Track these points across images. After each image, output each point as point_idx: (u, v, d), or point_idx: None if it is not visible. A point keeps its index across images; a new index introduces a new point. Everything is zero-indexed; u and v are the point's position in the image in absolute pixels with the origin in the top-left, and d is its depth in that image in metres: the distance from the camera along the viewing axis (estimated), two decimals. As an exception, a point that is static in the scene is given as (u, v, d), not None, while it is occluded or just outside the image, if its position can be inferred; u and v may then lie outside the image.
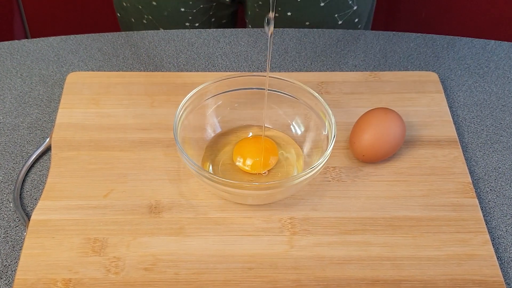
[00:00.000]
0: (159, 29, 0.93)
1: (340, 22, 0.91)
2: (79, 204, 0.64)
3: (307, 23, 0.90)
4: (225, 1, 0.94)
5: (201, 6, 0.92)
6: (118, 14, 0.99)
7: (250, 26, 0.97)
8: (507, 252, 0.63)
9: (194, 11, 0.92)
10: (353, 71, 0.80)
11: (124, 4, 0.95)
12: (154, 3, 0.91)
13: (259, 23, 0.95)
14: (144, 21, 0.94)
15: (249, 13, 0.95)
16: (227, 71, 0.80)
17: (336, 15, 0.90)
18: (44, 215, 0.63)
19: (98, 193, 0.65)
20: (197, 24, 0.94)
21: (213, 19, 0.95)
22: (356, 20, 0.93)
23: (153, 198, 0.65)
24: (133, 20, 0.96)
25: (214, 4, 0.93)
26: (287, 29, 0.85)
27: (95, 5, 1.40)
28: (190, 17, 0.93)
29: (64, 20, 1.45)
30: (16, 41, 0.82)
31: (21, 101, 0.75)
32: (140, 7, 0.93)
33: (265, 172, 0.66)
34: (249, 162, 0.66)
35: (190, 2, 0.91)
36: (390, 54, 0.82)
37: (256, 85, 0.69)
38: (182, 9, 0.92)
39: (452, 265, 0.60)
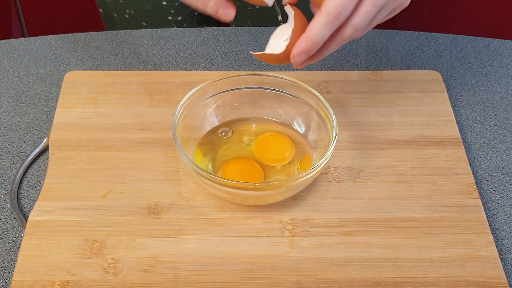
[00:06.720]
0: (142, 24, 0.92)
1: None
2: (77, 205, 0.63)
3: None
4: None
5: None
6: (101, 10, 0.98)
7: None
8: (510, 254, 0.62)
9: (176, 4, 0.90)
10: (354, 70, 0.79)
11: None
12: None
13: (238, 17, 0.94)
14: (126, 16, 0.93)
15: None
16: (227, 70, 0.79)
17: None
18: (41, 216, 0.62)
19: (96, 193, 0.64)
20: (180, 18, 0.92)
21: (196, 13, 0.93)
22: None
23: (152, 199, 0.64)
24: (115, 15, 0.95)
25: None
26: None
27: (94, 3, 1.40)
28: (172, 11, 0.91)
29: (61, 19, 1.45)
30: (13, 39, 0.82)
31: (18, 101, 0.75)
32: (121, 1, 0.92)
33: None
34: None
35: None
36: (392, 53, 0.82)
37: (256, 84, 0.69)
38: (164, 3, 0.89)
39: (455, 267, 0.60)
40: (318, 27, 0.53)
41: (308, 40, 0.54)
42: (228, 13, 0.57)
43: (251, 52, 0.59)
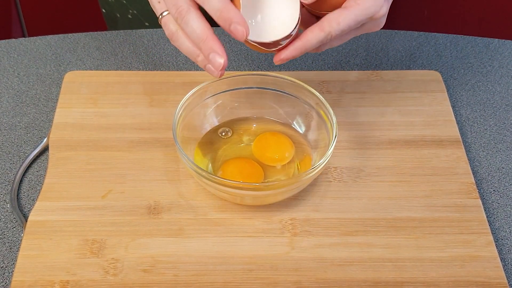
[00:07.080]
0: (144, 24, 0.92)
1: None
2: (77, 205, 0.63)
3: None
4: None
5: None
6: (103, 10, 0.98)
7: None
8: (510, 254, 0.62)
9: None
10: (354, 70, 0.79)
11: None
12: None
13: None
14: (129, 16, 0.93)
15: None
16: (226, 70, 0.79)
17: None
18: (41, 216, 0.62)
19: (96, 193, 0.64)
20: None
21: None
22: None
23: (152, 199, 0.64)
24: (118, 15, 0.95)
25: None
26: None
27: (95, 3, 1.40)
28: None
29: (61, 19, 1.45)
30: (13, 39, 0.82)
31: (18, 101, 0.75)
32: (124, 1, 0.92)
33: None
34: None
35: None
36: (392, 53, 0.82)
37: (256, 84, 0.69)
38: None
39: (455, 267, 0.60)
40: (315, 42, 0.54)
41: (303, 49, 0.55)
42: (213, 72, 0.56)
43: (249, 39, 0.56)
